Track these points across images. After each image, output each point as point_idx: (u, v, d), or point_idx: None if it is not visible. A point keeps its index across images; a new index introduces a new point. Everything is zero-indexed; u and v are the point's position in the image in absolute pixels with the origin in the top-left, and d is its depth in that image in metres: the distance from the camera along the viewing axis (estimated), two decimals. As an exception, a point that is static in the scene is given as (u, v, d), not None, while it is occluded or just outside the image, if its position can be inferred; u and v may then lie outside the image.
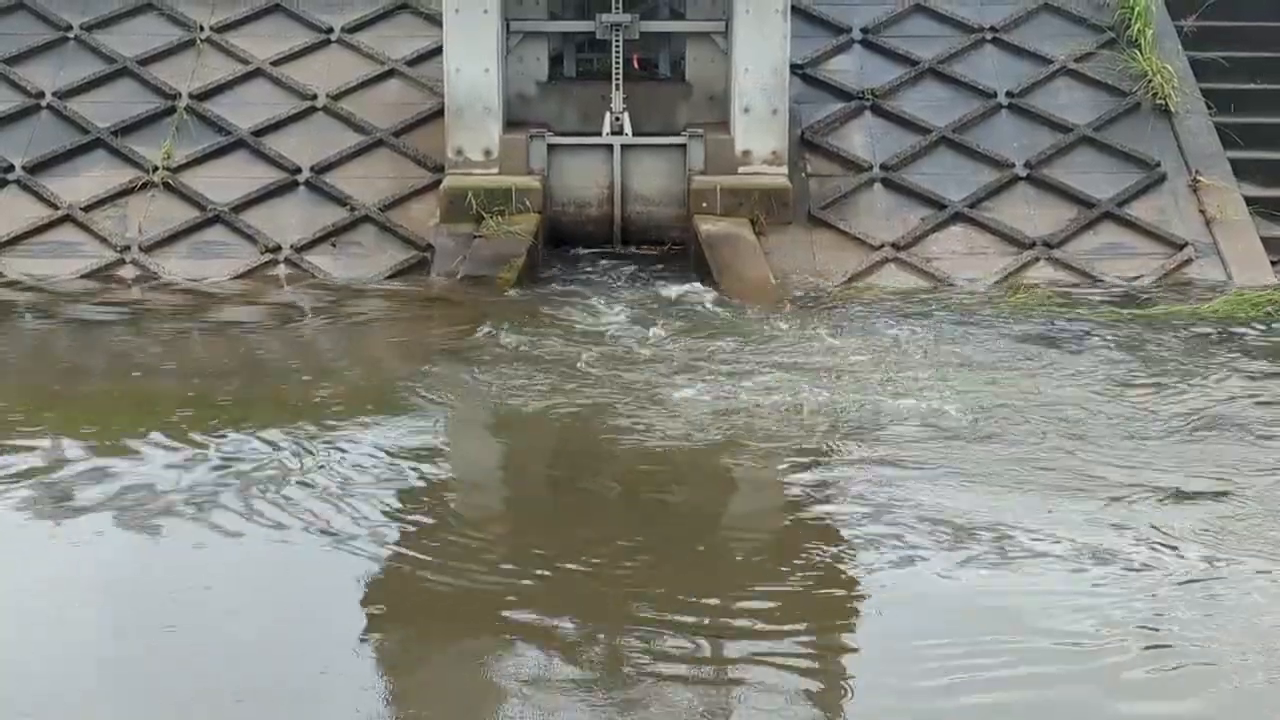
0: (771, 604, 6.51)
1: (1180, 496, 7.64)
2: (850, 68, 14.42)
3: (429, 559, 7.01)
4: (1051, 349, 10.45)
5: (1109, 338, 10.81)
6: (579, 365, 9.92)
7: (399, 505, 7.59)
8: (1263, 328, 11.15)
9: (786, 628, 6.30)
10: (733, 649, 6.10)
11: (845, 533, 7.25)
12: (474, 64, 13.19)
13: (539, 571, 6.77)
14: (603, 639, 6.17)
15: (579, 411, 9.03)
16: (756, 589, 6.66)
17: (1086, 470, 7.99)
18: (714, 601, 6.48)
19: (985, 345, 10.53)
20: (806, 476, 7.97)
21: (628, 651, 6.03)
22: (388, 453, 8.31)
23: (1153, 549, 6.96)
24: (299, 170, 13.57)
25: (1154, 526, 7.20)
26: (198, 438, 8.52)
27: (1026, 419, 8.79)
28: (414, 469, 8.12)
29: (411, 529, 7.36)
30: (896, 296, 12.13)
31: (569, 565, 6.86)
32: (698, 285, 12.28)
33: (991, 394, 9.28)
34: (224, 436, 8.55)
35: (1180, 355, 10.34)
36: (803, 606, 6.52)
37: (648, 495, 7.90)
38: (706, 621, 6.30)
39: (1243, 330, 11.07)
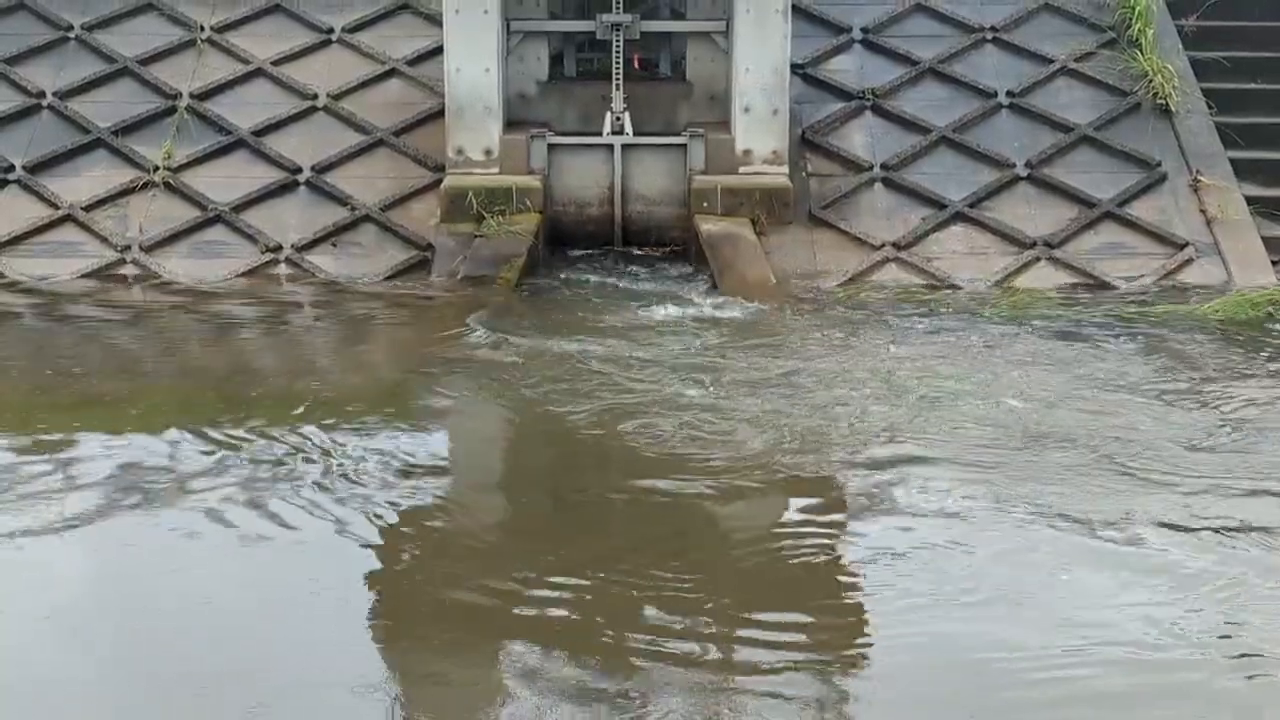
0: (824, 610, 6.49)
1: (1241, 502, 7.58)
2: (851, 67, 14.42)
3: (430, 563, 7.02)
4: (1067, 351, 10.40)
5: (1124, 340, 10.76)
6: (581, 365, 9.91)
7: (400, 507, 7.58)
8: (1277, 328, 11.14)
9: (854, 626, 6.29)
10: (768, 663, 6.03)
11: (916, 536, 7.17)
12: (474, 64, 13.19)
13: (544, 579, 6.71)
14: (617, 650, 6.13)
15: (582, 411, 9.02)
16: (803, 602, 6.58)
17: (1138, 476, 7.91)
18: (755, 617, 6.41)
19: (1005, 349, 10.47)
20: (857, 483, 7.88)
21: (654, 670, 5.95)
22: (388, 454, 8.29)
23: (1220, 555, 6.93)
24: (299, 170, 13.57)
25: (1219, 534, 7.15)
26: (200, 437, 8.52)
27: (1074, 425, 8.69)
28: (414, 470, 8.11)
29: (414, 532, 7.35)
30: (898, 296, 12.12)
31: (579, 577, 6.74)
32: (698, 284, 12.30)
33: (1030, 399, 9.19)
34: (225, 437, 8.54)
35: (1214, 358, 10.28)
36: (886, 604, 6.49)
37: (663, 501, 7.74)
38: (739, 634, 6.25)
39: (1255, 331, 11.04)
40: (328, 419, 8.82)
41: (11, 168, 13.52)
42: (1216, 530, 7.22)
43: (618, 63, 13.50)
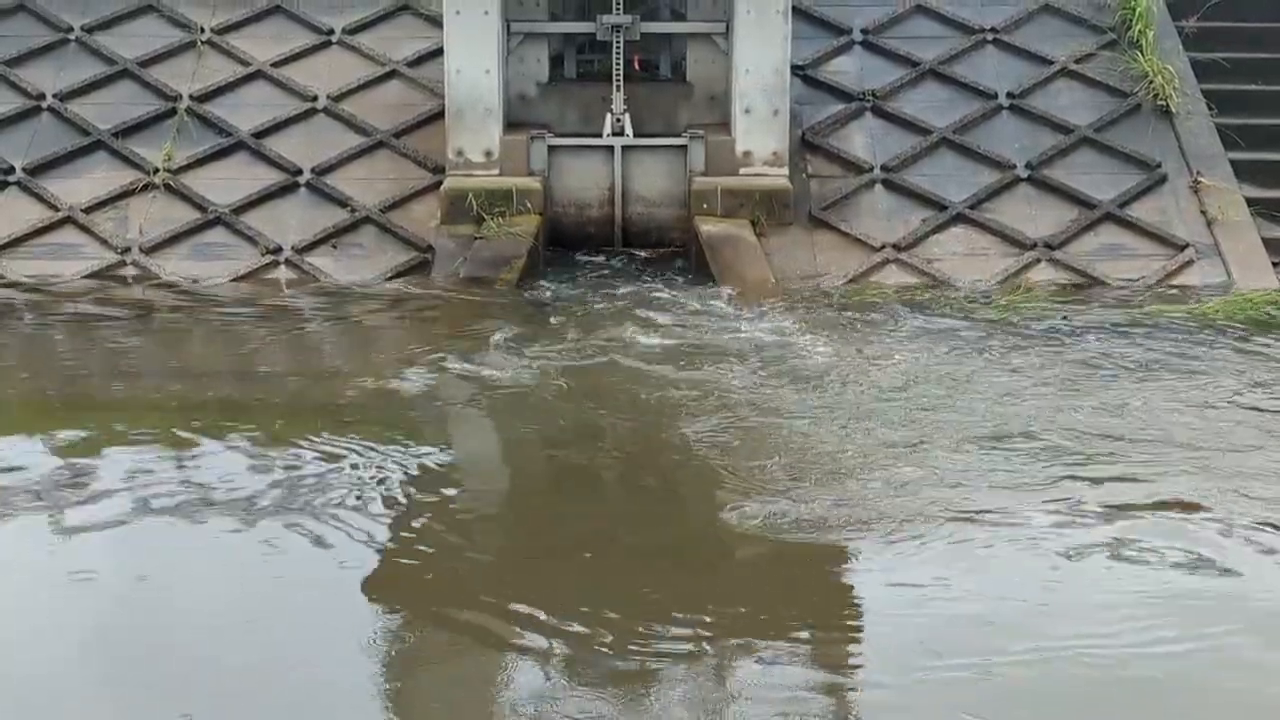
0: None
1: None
2: (851, 69, 14.42)
3: (431, 567, 7.02)
4: (1070, 351, 10.39)
5: (1132, 340, 10.75)
6: (582, 365, 9.92)
7: (403, 512, 7.57)
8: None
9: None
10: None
11: (1017, 535, 7.13)
12: (475, 65, 13.19)
13: (552, 589, 6.66)
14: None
15: (585, 411, 9.02)
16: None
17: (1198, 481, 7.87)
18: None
19: (1026, 353, 10.41)
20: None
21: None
22: (389, 458, 8.28)
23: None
24: (300, 172, 13.57)
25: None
26: (200, 441, 8.52)
27: (1125, 431, 8.64)
28: (417, 474, 8.09)
29: (416, 537, 7.33)
30: (900, 298, 12.09)
31: (596, 595, 6.61)
32: (699, 285, 12.29)
33: (1078, 405, 9.11)
34: (225, 440, 8.54)
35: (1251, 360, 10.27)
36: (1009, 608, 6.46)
37: (686, 511, 7.67)
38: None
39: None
40: (329, 423, 8.81)
41: (12, 169, 13.52)
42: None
43: (618, 64, 13.49)
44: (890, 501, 7.48)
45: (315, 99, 14.14)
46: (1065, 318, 11.41)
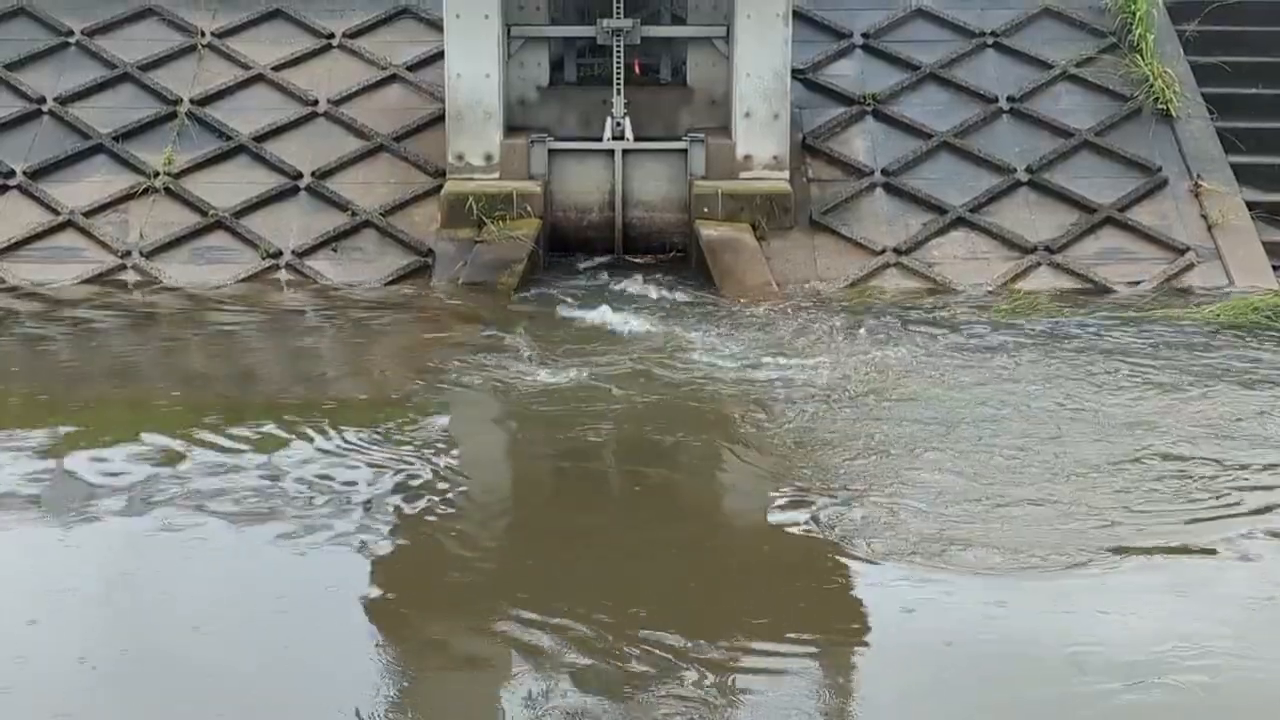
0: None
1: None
2: (851, 72, 14.42)
3: (430, 573, 7.01)
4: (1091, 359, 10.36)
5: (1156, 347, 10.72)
6: (582, 369, 9.91)
7: (403, 516, 7.56)
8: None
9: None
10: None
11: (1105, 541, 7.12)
12: (475, 69, 13.19)
13: (551, 600, 6.64)
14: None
15: (586, 415, 9.02)
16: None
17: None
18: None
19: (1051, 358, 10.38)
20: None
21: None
22: (390, 461, 8.28)
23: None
24: (300, 175, 13.57)
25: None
26: (201, 444, 8.51)
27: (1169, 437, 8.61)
28: (417, 479, 8.09)
29: (417, 541, 7.33)
30: (901, 302, 12.09)
31: (596, 608, 6.55)
32: (699, 289, 12.29)
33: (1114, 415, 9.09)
34: (227, 444, 8.54)
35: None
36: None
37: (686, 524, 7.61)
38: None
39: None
40: (327, 426, 8.81)
41: (12, 173, 13.52)
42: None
43: (618, 68, 13.49)
44: (999, 528, 7.36)
45: (316, 103, 14.14)
46: (1073, 320, 11.39)
